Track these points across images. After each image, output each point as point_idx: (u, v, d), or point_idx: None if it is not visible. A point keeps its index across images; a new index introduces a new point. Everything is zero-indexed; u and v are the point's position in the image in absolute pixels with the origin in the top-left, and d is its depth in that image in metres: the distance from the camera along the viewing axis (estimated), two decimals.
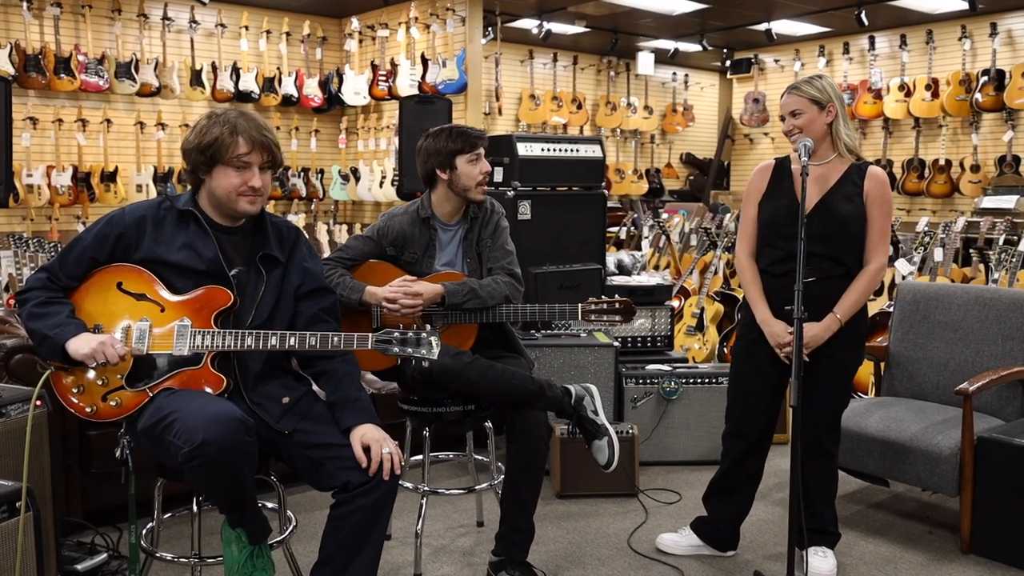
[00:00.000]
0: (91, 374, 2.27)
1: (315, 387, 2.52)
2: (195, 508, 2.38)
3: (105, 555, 2.96)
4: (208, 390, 2.28)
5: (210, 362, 2.30)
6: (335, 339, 2.33)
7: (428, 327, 2.32)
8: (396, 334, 2.32)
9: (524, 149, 4.38)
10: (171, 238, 2.35)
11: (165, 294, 2.32)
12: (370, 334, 2.34)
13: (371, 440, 2.28)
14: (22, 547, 2.20)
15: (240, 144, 2.29)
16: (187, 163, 2.37)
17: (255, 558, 2.27)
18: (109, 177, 7.07)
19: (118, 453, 2.42)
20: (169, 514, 2.77)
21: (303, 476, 2.41)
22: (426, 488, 3.04)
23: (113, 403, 2.27)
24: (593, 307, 2.95)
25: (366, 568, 2.31)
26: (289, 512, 2.58)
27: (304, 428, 2.35)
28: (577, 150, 4.58)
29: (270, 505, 2.66)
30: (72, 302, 2.33)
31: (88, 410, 2.28)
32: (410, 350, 2.31)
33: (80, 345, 2.21)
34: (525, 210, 4.35)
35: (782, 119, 2.97)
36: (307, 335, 2.32)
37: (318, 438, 2.33)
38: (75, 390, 2.28)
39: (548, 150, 4.47)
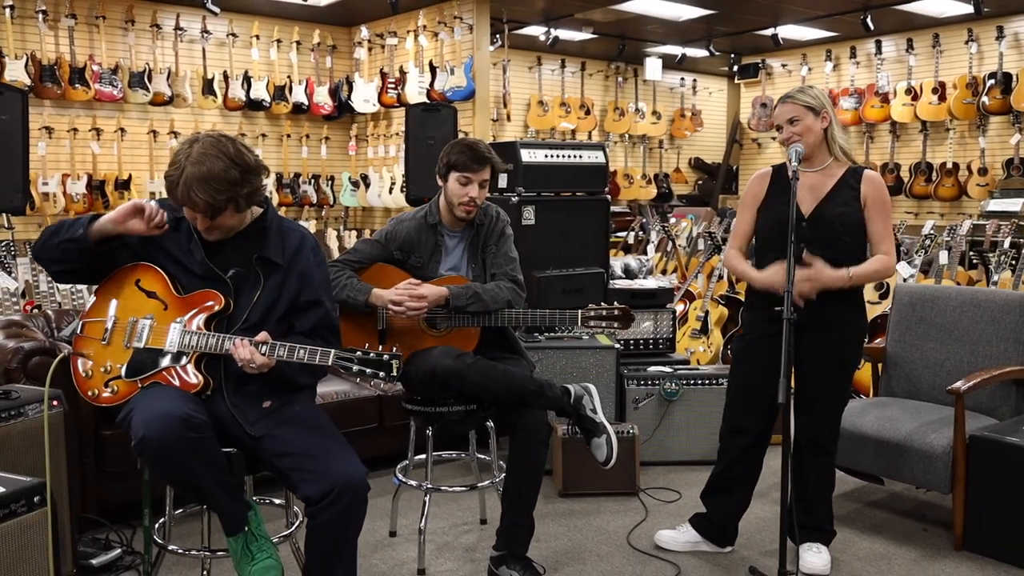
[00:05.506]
0: (91, 365, 2.39)
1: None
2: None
3: (119, 550, 3.06)
4: (183, 388, 2.36)
5: (194, 362, 2.39)
6: (301, 352, 2.34)
7: (393, 349, 2.38)
8: (359, 353, 2.35)
9: (528, 155, 4.47)
10: (175, 241, 2.46)
11: (171, 293, 2.44)
12: (332, 350, 2.36)
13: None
14: (51, 541, 2.29)
15: (176, 196, 2.31)
16: None
17: (249, 544, 2.36)
18: (123, 185, 7.18)
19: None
20: (180, 510, 2.86)
21: (281, 482, 2.46)
22: (429, 486, 3.12)
23: (110, 391, 2.40)
24: (592, 313, 3.03)
25: None
26: (296, 508, 2.67)
27: (275, 435, 2.37)
28: (580, 156, 4.66)
29: (277, 501, 2.75)
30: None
31: (90, 394, 2.41)
32: (369, 370, 2.34)
33: (109, 213, 2.36)
34: (529, 215, 4.43)
35: (778, 129, 3.04)
36: (277, 345, 2.34)
37: (284, 445, 2.35)
38: (85, 375, 2.42)
39: (551, 156, 4.56)
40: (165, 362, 2.39)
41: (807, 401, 3.06)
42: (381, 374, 2.34)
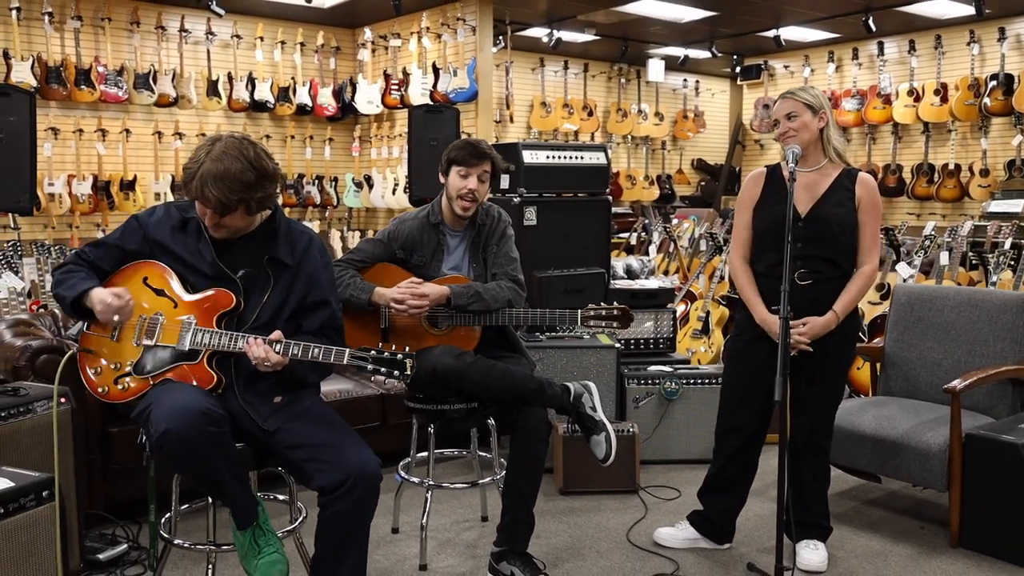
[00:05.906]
0: (100, 362, 2.44)
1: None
2: (210, 499, 2.51)
3: (125, 546, 3.11)
4: (198, 385, 2.40)
5: (207, 359, 2.43)
6: (315, 351, 2.39)
7: (406, 349, 2.43)
8: (373, 352, 2.41)
9: (530, 156, 4.50)
10: (182, 242, 2.50)
11: (180, 292, 2.48)
12: (347, 349, 2.41)
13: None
14: (59, 535, 2.33)
15: (191, 189, 2.37)
16: None
17: (257, 538, 2.40)
18: (128, 186, 7.23)
19: (140, 439, 2.56)
20: (186, 506, 2.89)
21: (293, 475, 2.51)
22: (431, 483, 3.16)
23: (121, 387, 2.43)
24: (592, 313, 3.07)
25: (354, 570, 2.41)
26: (300, 503, 2.71)
27: (288, 428, 2.42)
28: (582, 157, 4.70)
29: (281, 497, 2.79)
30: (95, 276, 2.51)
31: (100, 390, 2.45)
32: (384, 369, 2.39)
33: (94, 295, 2.41)
34: (531, 216, 4.47)
35: (775, 124, 3.08)
36: (290, 343, 2.39)
37: (298, 438, 2.40)
38: (93, 371, 2.46)
39: (553, 157, 4.59)
40: (178, 359, 2.43)
41: (802, 400, 3.09)
42: (396, 373, 2.39)
